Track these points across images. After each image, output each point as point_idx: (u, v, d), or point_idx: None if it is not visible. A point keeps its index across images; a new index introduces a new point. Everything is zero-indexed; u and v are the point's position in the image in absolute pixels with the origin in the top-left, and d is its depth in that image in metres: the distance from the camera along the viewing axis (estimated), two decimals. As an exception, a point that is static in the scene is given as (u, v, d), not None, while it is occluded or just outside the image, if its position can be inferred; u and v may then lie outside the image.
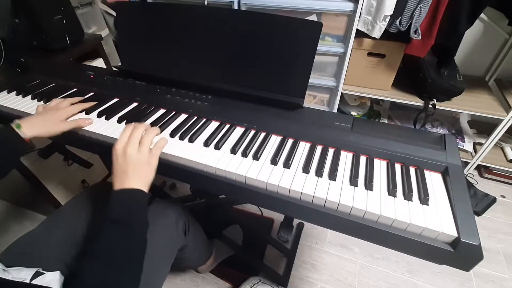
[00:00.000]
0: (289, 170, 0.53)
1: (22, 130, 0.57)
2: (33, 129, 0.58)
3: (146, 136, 0.55)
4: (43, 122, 0.60)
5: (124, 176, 0.50)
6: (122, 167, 0.51)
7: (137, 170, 0.51)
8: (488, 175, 1.42)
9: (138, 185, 0.50)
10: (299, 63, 0.62)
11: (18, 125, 0.57)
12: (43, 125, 0.60)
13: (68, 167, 1.16)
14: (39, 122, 0.60)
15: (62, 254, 0.58)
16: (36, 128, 0.59)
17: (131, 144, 0.52)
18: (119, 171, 0.51)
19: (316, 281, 1.04)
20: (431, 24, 1.02)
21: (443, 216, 0.44)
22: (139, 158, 0.52)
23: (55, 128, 0.61)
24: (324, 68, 1.30)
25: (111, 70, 1.01)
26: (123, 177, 0.50)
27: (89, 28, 1.40)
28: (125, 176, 0.50)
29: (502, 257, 1.11)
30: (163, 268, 0.66)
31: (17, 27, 1.05)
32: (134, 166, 0.51)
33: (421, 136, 0.59)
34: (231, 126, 0.63)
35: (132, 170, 0.50)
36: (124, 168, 0.51)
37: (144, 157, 0.52)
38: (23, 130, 0.57)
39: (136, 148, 0.52)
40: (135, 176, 0.50)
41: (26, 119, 0.59)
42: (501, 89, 1.27)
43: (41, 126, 0.60)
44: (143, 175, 0.51)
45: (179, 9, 0.69)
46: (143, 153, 0.52)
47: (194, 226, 0.78)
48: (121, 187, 0.49)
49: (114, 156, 0.52)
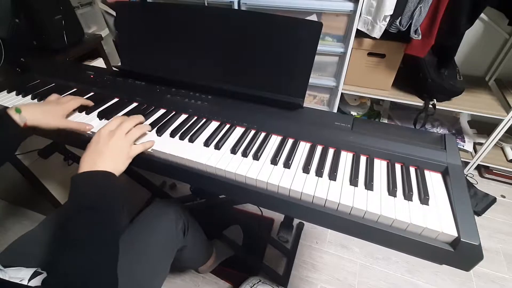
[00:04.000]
0: (289, 170, 0.53)
1: (22, 114, 0.54)
2: (34, 116, 0.55)
3: (135, 130, 0.55)
4: (43, 112, 0.58)
5: (98, 157, 0.48)
6: (101, 148, 0.49)
7: (115, 155, 0.50)
8: (488, 175, 1.42)
9: (110, 169, 0.48)
10: (299, 63, 0.62)
11: (17, 109, 0.54)
12: (43, 115, 0.57)
13: (68, 167, 1.16)
14: (40, 111, 0.57)
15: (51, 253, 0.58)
16: (37, 116, 0.56)
17: (118, 131, 0.52)
18: (94, 151, 0.49)
19: (316, 281, 1.04)
20: (431, 24, 1.02)
21: (443, 216, 0.44)
22: (122, 145, 0.51)
23: (54, 121, 0.58)
24: (324, 68, 1.30)
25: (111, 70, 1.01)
26: (95, 159, 0.48)
27: (89, 28, 1.40)
28: (99, 158, 0.48)
29: (502, 257, 1.11)
30: (162, 268, 0.66)
31: (17, 27, 1.05)
32: (113, 150, 0.50)
33: (421, 136, 0.59)
34: (231, 126, 0.63)
35: (110, 153, 0.49)
36: (101, 150, 0.49)
37: (126, 146, 0.52)
38: (23, 114, 0.54)
39: (123, 136, 0.52)
40: (110, 159, 0.49)
41: (26, 105, 0.57)
42: (501, 89, 1.27)
43: (42, 115, 0.57)
44: (119, 162, 0.50)
45: (179, 9, 0.69)
46: (127, 142, 0.52)
47: (194, 226, 0.78)
48: (92, 168, 0.46)
49: (96, 137, 0.51)
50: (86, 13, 1.37)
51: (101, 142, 0.50)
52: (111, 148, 0.50)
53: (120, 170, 0.50)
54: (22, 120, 0.54)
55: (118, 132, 0.52)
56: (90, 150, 0.49)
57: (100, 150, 0.49)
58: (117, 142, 0.51)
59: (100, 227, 0.43)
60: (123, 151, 0.51)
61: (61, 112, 0.60)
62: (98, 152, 0.49)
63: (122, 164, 0.51)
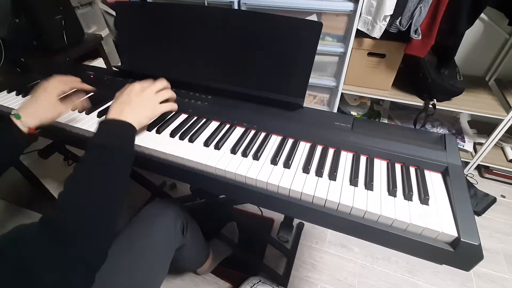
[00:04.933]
0: (289, 170, 0.53)
1: (23, 120, 0.53)
2: (36, 118, 0.55)
3: (165, 92, 0.60)
4: (39, 108, 0.56)
5: (126, 106, 0.52)
6: (130, 99, 0.54)
7: (142, 108, 0.54)
8: (488, 175, 1.42)
9: (133, 120, 0.51)
10: (299, 63, 0.62)
11: (17, 115, 0.53)
12: (41, 111, 0.56)
13: (68, 167, 1.16)
14: (37, 108, 0.56)
15: None
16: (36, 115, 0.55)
17: (150, 87, 0.57)
18: (124, 101, 0.53)
19: (316, 281, 1.04)
20: (431, 24, 1.02)
21: (443, 216, 0.44)
22: (151, 101, 0.56)
23: (52, 111, 0.57)
24: (324, 68, 1.30)
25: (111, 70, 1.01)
26: (123, 108, 0.52)
27: (89, 28, 1.40)
28: (127, 108, 0.52)
29: (502, 257, 1.11)
30: (161, 268, 0.65)
31: (17, 27, 1.05)
32: (142, 103, 0.54)
33: (421, 136, 0.59)
34: (231, 126, 0.63)
35: (138, 105, 0.53)
36: (131, 101, 0.53)
37: (155, 103, 0.57)
38: (24, 120, 0.53)
39: (153, 93, 0.57)
40: (136, 109, 0.53)
41: (22, 108, 0.55)
42: (501, 89, 1.27)
43: (40, 112, 0.56)
44: (143, 114, 0.54)
45: (179, 9, 0.69)
46: (156, 99, 0.57)
47: (192, 226, 0.78)
48: (118, 116, 0.51)
49: (128, 89, 0.55)
50: (86, 13, 1.37)
51: (133, 94, 0.54)
52: (140, 102, 0.54)
53: (142, 123, 0.55)
54: (24, 126, 0.54)
55: (150, 88, 0.57)
56: (121, 99, 0.54)
57: (130, 101, 0.53)
58: (147, 97, 0.56)
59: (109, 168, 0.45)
60: (150, 106, 0.56)
61: (52, 99, 0.58)
62: (127, 102, 0.53)
63: (146, 118, 0.55)
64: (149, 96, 0.56)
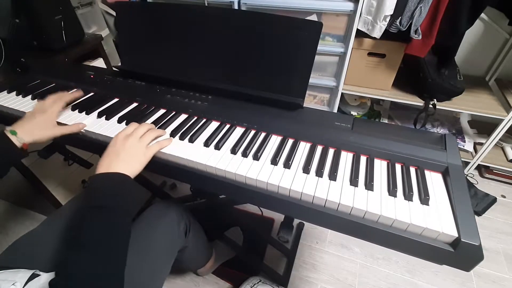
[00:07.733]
0: (289, 170, 0.53)
1: (19, 136, 0.56)
2: (31, 135, 0.58)
3: (150, 133, 0.57)
4: (36, 127, 0.59)
5: (115, 158, 0.51)
6: (117, 151, 0.52)
7: (130, 156, 0.52)
8: (488, 175, 1.42)
9: (125, 170, 0.50)
10: (299, 63, 0.62)
11: (12, 131, 0.56)
12: (38, 129, 0.59)
13: (68, 167, 1.16)
14: (33, 126, 0.59)
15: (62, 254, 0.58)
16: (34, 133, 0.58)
17: (134, 134, 0.55)
18: (110, 153, 0.52)
19: (316, 281, 1.04)
20: (431, 24, 1.02)
21: (443, 216, 0.44)
22: (137, 146, 0.54)
23: (49, 132, 0.60)
24: (324, 68, 1.30)
25: (111, 70, 1.01)
26: (112, 160, 0.50)
27: (89, 28, 1.40)
28: (116, 159, 0.50)
29: (502, 257, 1.11)
30: (163, 268, 0.65)
31: (17, 27, 1.05)
32: (129, 151, 0.52)
33: (421, 136, 0.59)
34: (231, 126, 0.63)
35: (125, 154, 0.52)
36: (118, 152, 0.52)
37: (142, 147, 0.54)
38: (20, 135, 0.56)
39: (137, 139, 0.55)
40: (125, 160, 0.51)
41: (18, 124, 0.58)
42: (502, 89, 1.27)
43: (36, 130, 0.59)
44: (134, 163, 0.52)
45: (179, 9, 0.69)
46: (142, 143, 0.55)
47: (195, 227, 0.78)
48: (107, 170, 0.48)
49: (113, 141, 0.54)
50: (86, 13, 1.37)
51: (117, 145, 0.53)
52: (127, 151, 0.52)
53: (136, 171, 0.52)
54: (20, 141, 0.56)
55: (134, 134, 0.55)
56: (106, 153, 0.52)
57: (116, 153, 0.52)
58: (132, 144, 0.53)
59: (111, 227, 0.44)
60: (139, 152, 0.53)
61: (50, 121, 0.61)
62: (114, 155, 0.51)
63: (138, 165, 0.53)
64: (134, 142, 0.54)
